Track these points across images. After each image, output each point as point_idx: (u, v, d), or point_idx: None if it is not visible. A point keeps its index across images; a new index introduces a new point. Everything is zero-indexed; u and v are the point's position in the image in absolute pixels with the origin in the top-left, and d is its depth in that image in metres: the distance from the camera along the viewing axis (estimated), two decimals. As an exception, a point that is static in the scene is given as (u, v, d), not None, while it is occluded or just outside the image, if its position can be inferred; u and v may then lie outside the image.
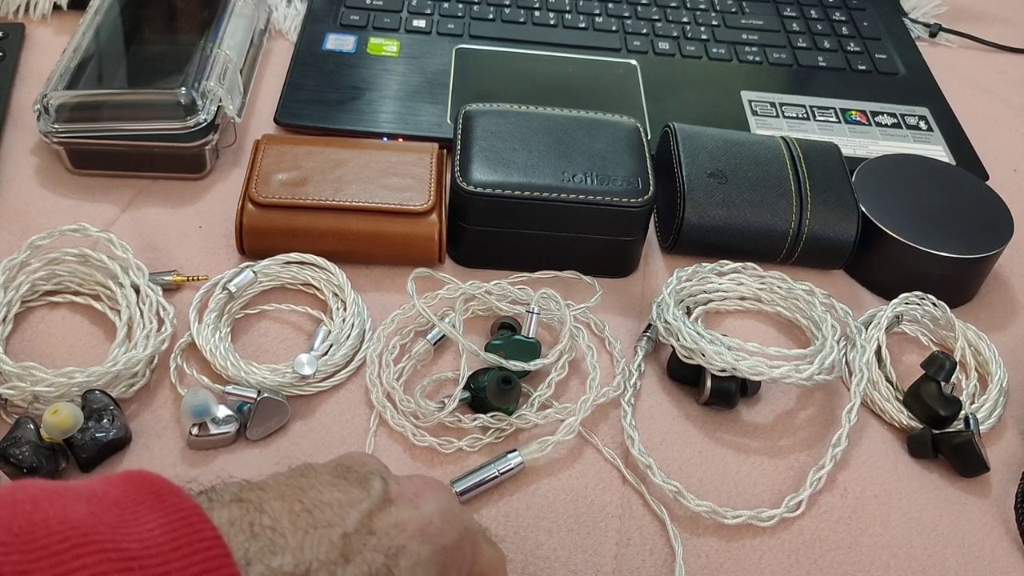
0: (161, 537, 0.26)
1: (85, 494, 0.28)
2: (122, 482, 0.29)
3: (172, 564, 0.26)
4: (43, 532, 0.25)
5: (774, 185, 0.58)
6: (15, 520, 0.25)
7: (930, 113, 0.74)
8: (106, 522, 0.26)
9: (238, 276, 0.52)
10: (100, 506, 0.27)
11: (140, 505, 0.28)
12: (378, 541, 0.31)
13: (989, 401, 0.52)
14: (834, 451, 0.49)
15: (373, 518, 0.32)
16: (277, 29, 0.77)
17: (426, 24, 0.76)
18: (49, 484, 0.28)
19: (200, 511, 0.28)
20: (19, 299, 0.51)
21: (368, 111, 0.66)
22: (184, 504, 0.28)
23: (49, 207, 0.58)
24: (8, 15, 0.74)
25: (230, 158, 0.64)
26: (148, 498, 0.28)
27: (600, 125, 0.58)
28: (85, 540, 0.25)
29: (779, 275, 0.57)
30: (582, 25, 0.78)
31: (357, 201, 0.55)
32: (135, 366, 0.48)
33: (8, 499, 0.27)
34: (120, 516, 0.27)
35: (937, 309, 0.56)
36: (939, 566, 0.46)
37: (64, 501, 0.27)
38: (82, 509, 0.27)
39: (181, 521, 0.27)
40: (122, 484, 0.29)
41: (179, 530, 0.27)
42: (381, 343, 0.51)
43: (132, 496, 0.28)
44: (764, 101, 0.73)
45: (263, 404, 0.47)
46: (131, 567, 0.25)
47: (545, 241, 0.56)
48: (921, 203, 0.60)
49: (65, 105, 0.58)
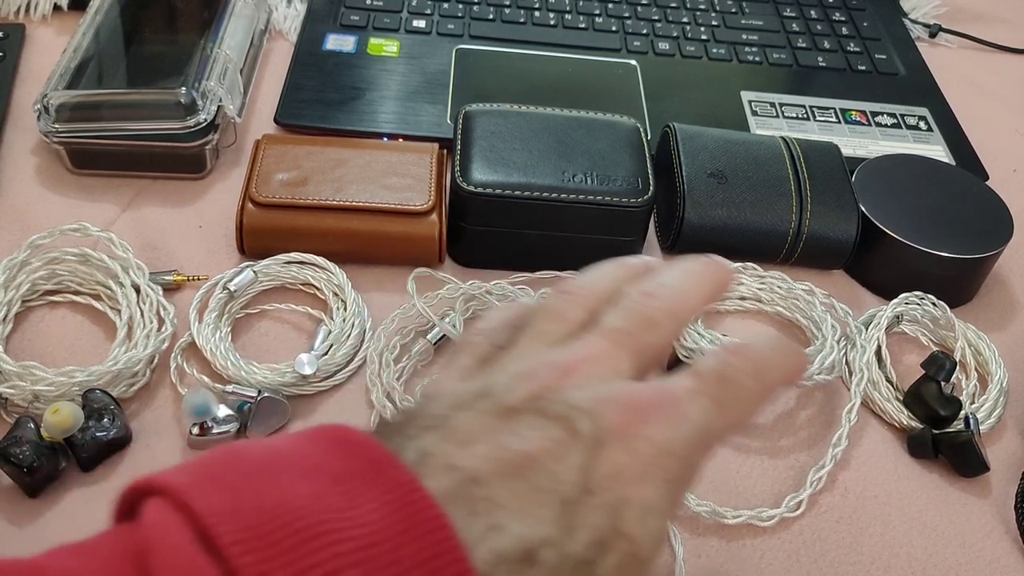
0: (385, 520, 0.24)
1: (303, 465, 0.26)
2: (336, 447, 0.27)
3: (401, 552, 0.24)
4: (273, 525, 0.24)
5: (774, 185, 0.58)
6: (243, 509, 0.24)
7: (930, 113, 0.74)
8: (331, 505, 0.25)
9: (238, 276, 0.52)
10: (320, 483, 0.25)
11: (358, 479, 0.26)
12: (599, 499, 0.27)
13: (989, 401, 0.52)
14: (834, 451, 0.49)
15: (588, 472, 0.27)
16: (277, 29, 0.77)
17: (426, 24, 0.76)
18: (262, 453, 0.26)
19: (418, 485, 0.25)
20: (19, 299, 0.51)
21: (368, 111, 0.66)
22: (401, 476, 0.26)
23: (49, 207, 0.58)
24: (8, 15, 0.74)
25: (230, 158, 0.64)
26: (364, 469, 0.26)
27: (600, 125, 0.58)
28: (317, 532, 0.24)
29: (779, 275, 0.57)
30: (582, 25, 0.78)
31: (357, 201, 0.55)
32: (135, 366, 0.48)
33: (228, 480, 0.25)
34: (342, 496, 0.25)
35: (937, 309, 0.56)
36: (939, 566, 0.46)
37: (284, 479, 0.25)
38: (305, 489, 0.25)
39: (402, 499, 0.25)
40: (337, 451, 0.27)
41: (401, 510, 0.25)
42: (381, 343, 0.51)
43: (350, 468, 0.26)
44: (764, 101, 0.73)
45: (263, 404, 0.47)
46: (361, 559, 0.24)
47: (545, 241, 0.56)
48: (921, 203, 0.60)
49: (65, 105, 0.58)
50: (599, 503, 0.27)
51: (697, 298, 0.34)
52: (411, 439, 0.28)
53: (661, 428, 0.29)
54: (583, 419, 0.28)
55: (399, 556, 0.24)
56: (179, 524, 0.24)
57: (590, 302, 0.34)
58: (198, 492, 0.24)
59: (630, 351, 0.31)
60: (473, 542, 0.25)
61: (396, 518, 0.25)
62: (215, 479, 0.25)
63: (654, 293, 0.33)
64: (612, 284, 0.35)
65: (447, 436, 0.28)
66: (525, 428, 0.28)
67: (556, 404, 0.29)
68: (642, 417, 0.29)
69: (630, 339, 0.32)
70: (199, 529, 0.23)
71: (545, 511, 0.27)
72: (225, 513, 0.24)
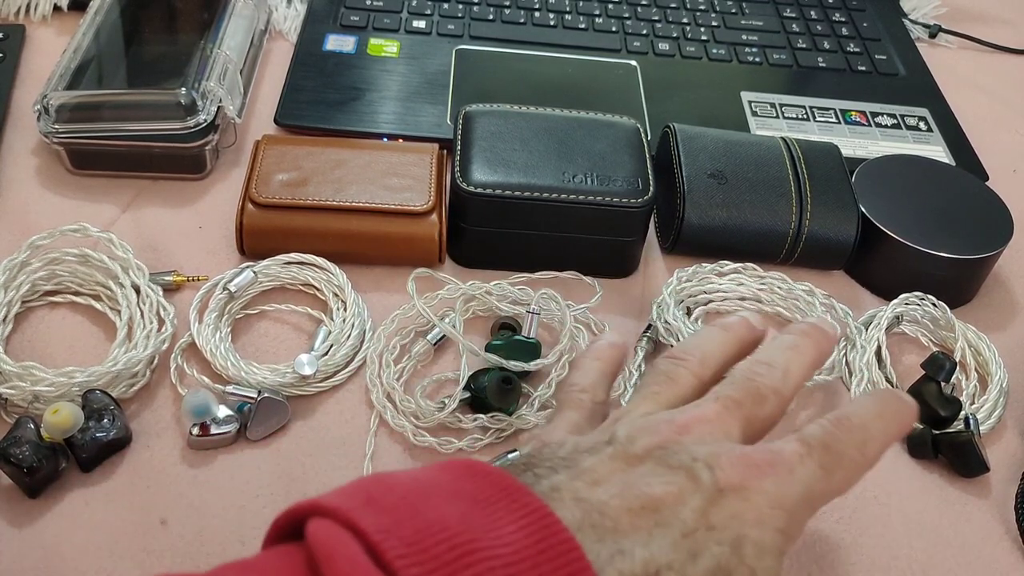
0: (525, 540, 0.27)
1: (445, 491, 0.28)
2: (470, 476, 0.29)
3: (542, 568, 0.26)
4: (432, 541, 0.26)
5: (774, 186, 0.58)
6: (403, 528, 0.26)
7: (930, 114, 0.74)
8: (478, 525, 0.27)
9: (238, 276, 0.52)
10: (465, 505, 0.28)
11: (496, 504, 0.28)
12: (720, 535, 0.30)
13: (989, 401, 0.52)
14: (834, 451, 0.49)
15: (709, 514, 0.30)
16: (277, 30, 0.77)
17: (426, 25, 0.76)
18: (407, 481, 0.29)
19: (550, 511, 0.28)
20: (19, 299, 0.51)
21: (368, 112, 0.66)
22: (534, 503, 0.28)
23: (49, 207, 0.58)
24: (8, 16, 0.74)
25: (230, 158, 0.64)
26: (500, 496, 0.28)
27: (600, 125, 0.58)
28: (469, 548, 0.26)
29: (779, 276, 0.57)
30: (582, 26, 0.78)
31: (357, 201, 0.55)
32: (135, 366, 0.48)
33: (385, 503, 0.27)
34: (485, 517, 0.27)
35: (937, 309, 0.56)
36: (939, 566, 0.46)
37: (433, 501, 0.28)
38: (455, 510, 0.27)
39: (538, 523, 0.27)
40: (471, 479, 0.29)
41: (537, 532, 0.27)
42: (381, 343, 0.51)
43: (487, 494, 0.28)
44: (764, 102, 0.73)
45: (263, 404, 0.47)
46: (512, 573, 0.26)
47: (545, 241, 0.56)
48: (921, 204, 0.60)
49: (65, 105, 0.58)
50: (720, 537, 0.30)
51: (801, 375, 0.38)
52: (540, 478, 0.31)
53: (773, 484, 0.32)
54: (704, 470, 0.31)
55: (541, 573, 0.26)
56: (349, 540, 0.26)
57: (698, 369, 0.38)
58: (362, 512, 0.27)
59: (740, 419, 0.35)
60: (601, 565, 0.28)
61: (534, 539, 0.27)
62: (373, 501, 0.27)
63: (762, 372, 0.37)
64: (719, 350, 0.39)
65: (575, 475, 0.31)
66: (649, 474, 0.31)
67: (678, 455, 0.32)
68: (757, 473, 0.32)
69: (741, 409, 0.35)
70: (366, 545, 0.25)
71: (666, 540, 0.29)
72: (389, 530, 0.26)
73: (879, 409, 0.36)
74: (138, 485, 0.44)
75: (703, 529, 0.30)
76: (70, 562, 0.41)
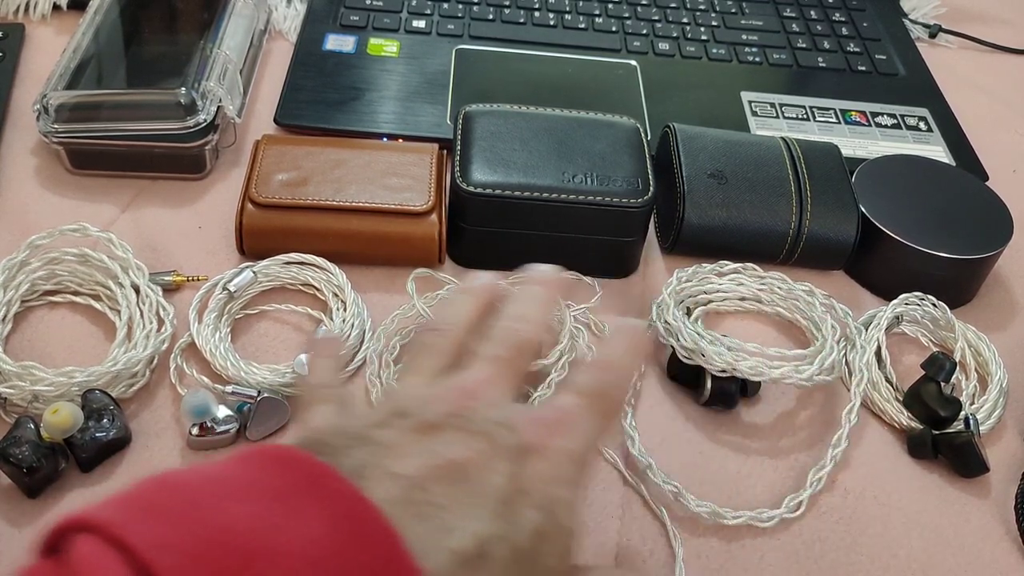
0: (333, 533, 0.25)
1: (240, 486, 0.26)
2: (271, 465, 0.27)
3: (349, 565, 0.25)
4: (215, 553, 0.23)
5: (774, 186, 0.58)
6: (178, 533, 0.24)
7: (930, 114, 0.74)
8: (273, 524, 0.25)
9: (238, 276, 0.52)
10: (260, 503, 0.26)
11: (297, 495, 0.26)
12: (532, 499, 0.30)
13: (989, 402, 0.52)
14: (834, 452, 0.49)
15: (520, 477, 0.31)
16: (277, 30, 0.77)
17: (426, 25, 0.76)
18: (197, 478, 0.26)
19: (360, 496, 0.26)
20: (19, 299, 0.51)
21: (368, 111, 0.66)
22: (343, 488, 0.27)
23: (49, 207, 0.58)
24: (8, 15, 0.74)
25: (230, 158, 0.64)
26: (304, 484, 0.26)
27: (600, 125, 0.58)
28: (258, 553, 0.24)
29: (779, 276, 0.57)
30: (582, 26, 0.78)
31: (357, 201, 0.55)
32: (135, 366, 0.48)
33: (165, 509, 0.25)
34: (284, 514, 0.25)
35: (937, 310, 0.56)
36: (939, 567, 0.46)
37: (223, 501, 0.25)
38: (245, 510, 0.25)
39: (347, 511, 0.26)
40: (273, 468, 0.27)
41: (347, 520, 0.26)
42: (381, 343, 0.51)
43: (288, 484, 0.26)
44: (764, 102, 0.73)
45: (263, 404, 0.47)
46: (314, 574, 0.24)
47: (545, 241, 0.56)
48: (921, 204, 0.60)
49: (65, 105, 0.58)
50: (533, 501, 0.30)
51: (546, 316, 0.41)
52: (342, 455, 0.30)
53: (567, 440, 0.34)
54: (504, 433, 0.32)
55: (347, 568, 0.25)
56: (114, 560, 0.23)
57: (458, 335, 0.39)
58: (133, 526, 0.24)
59: (512, 374, 0.37)
60: (427, 545, 0.27)
61: (343, 530, 0.25)
62: (148, 510, 0.25)
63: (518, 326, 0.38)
64: (472, 315, 0.40)
65: (377, 451, 0.30)
66: (452, 442, 0.31)
67: (475, 422, 0.32)
68: (550, 432, 0.33)
69: (510, 365, 0.37)
70: (138, 565, 0.23)
71: (487, 510, 0.29)
72: (164, 545, 0.23)
73: (628, 344, 0.39)
74: (138, 485, 0.44)
75: (516, 492, 0.30)
76: (70, 562, 0.41)
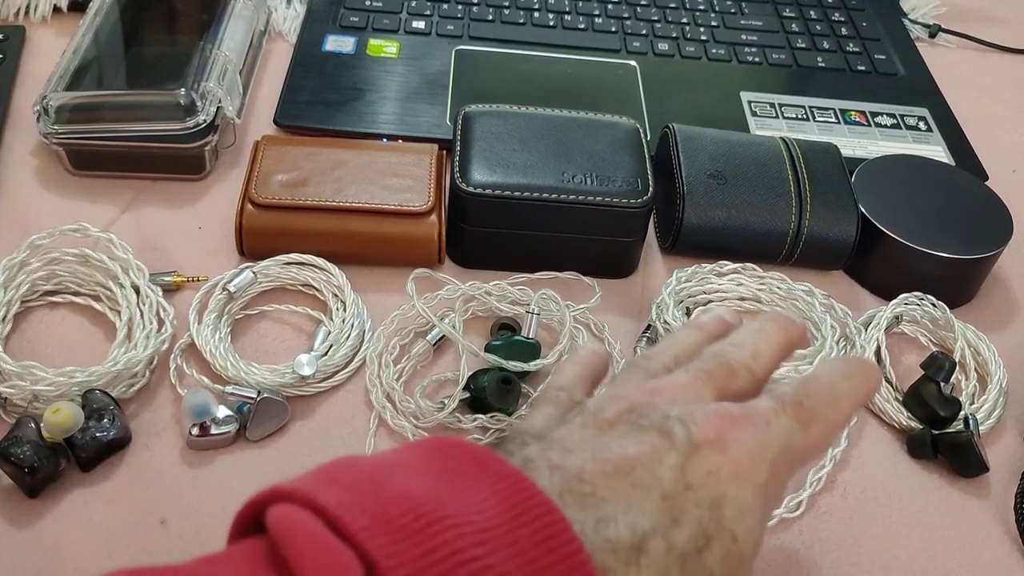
0: (499, 507, 0.26)
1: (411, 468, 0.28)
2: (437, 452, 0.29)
3: (518, 532, 0.25)
4: (396, 512, 0.25)
5: (774, 186, 0.58)
6: (365, 502, 0.26)
7: (929, 114, 0.74)
8: (446, 495, 0.26)
9: (238, 277, 0.52)
10: (431, 480, 0.27)
11: (464, 475, 0.27)
12: (697, 495, 0.30)
13: (989, 401, 0.52)
14: (834, 451, 0.49)
15: (686, 471, 0.30)
16: (277, 30, 0.77)
17: (425, 25, 0.76)
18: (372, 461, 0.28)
19: (523, 476, 0.27)
20: (19, 299, 0.51)
21: (368, 112, 0.66)
22: (507, 470, 0.28)
23: (49, 208, 0.58)
24: (8, 17, 0.74)
25: (230, 159, 0.64)
26: (470, 467, 0.28)
27: (600, 126, 0.58)
28: (437, 516, 0.25)
29: (779, 276, 0.57)
30: (581, 26, 0.78)
31: (357, 202, 0.55)
32: (135, 366, 0.48)
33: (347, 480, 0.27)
34: (452, 488, 0.27)
35: (937, 309, 0.56)
36: (939, 566, 0.46)
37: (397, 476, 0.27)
38: (419, 484, 0.27)
39: (511, 488, 0.27)
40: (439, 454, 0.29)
41: (512, 497, 0.26)
42: (381, 343, 0.51)
43: (454, 466, 0.28)
44: (764, 102, 0.73)
45: (263, 404, 0.47)
46: (484, 539, 0.25)
47: (545, 242, 0.56)
48: (921, 203, 0.60)
49: (65, 106, 0.58)
50: (698, 498, 0.29)
51: (770, 356, 0.38)
52: (511, 454, 0.31)
53: (751, 434, 0.31)
54: (677, 426, 0.31)
55: (517, 537, 0.25)
56: (309, 518, 0.25)
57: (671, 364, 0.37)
58: (320, 491, 0.26)
59: (712, 388, 0.34)
60: (585, 533, 0.27)
61: (508, 504, 0.26)
62: (334, 481, 0.27)
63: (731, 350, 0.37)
64: (693, 347, 0.38)
65: (547, 446, 0.31)
66: (622, 437, 0.31)
67: (649, 416, 0.32)
68: (733, 424, 0.31)
69: (713, 380, 0.35)
70: (328, 521, 0.25)
71: (648, 504, 0.29)
72: (351, 505, 0.25)
73: (847, 370, 0.37)
74: (138, 485, 0.44)
75: (682, 489, 0.29)
76: (70, 562, 0.41)
